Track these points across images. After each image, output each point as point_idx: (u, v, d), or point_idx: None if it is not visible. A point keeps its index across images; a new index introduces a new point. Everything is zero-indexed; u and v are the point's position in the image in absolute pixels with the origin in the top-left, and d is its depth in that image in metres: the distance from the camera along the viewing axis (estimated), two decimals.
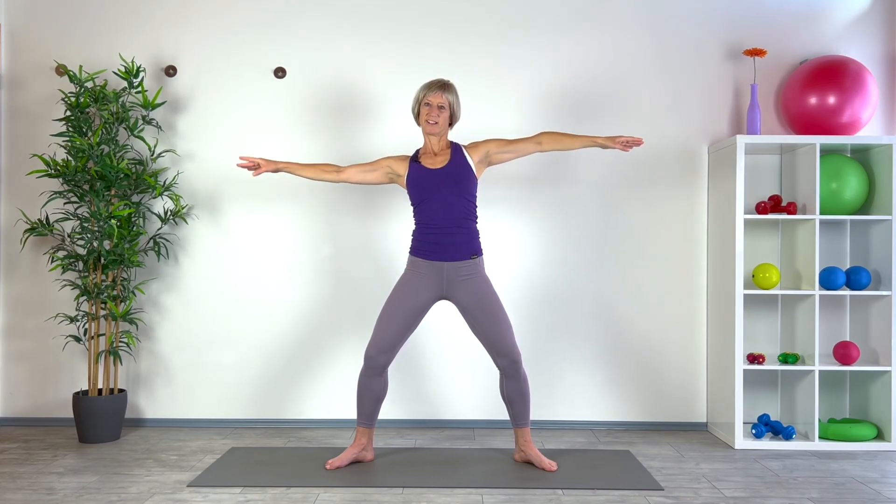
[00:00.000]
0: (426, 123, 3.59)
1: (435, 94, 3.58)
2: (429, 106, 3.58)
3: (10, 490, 3.30)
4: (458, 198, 3.55)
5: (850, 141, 4.05)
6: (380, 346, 3.57)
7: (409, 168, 3.64)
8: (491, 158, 3.66)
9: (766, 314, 4.40)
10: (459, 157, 3.61)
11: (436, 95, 3.58)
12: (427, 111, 3.59)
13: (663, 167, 4.41)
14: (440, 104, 3.58)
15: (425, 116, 3.59)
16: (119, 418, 4.13)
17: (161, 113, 4.39)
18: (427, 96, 3.59)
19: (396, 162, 3.69)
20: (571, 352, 4.41)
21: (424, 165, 3.61)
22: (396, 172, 3.67)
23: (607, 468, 3.63)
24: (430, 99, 3.58)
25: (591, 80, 4.41)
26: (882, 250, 4.12)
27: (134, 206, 4.17)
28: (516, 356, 3.59)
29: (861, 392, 4.25)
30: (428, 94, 3.59)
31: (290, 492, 3.29)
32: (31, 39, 4.42)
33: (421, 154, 3.67)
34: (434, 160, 3.62)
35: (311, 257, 4.42)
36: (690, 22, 4.42)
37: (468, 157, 3.62)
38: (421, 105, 3.61)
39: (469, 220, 3.60)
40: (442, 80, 3.63)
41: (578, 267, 4.41)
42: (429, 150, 3.65)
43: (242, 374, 4.41)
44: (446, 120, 3.61)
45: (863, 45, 4.41)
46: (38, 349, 4.42)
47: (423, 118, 3.61)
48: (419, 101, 3.62)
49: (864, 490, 3.36)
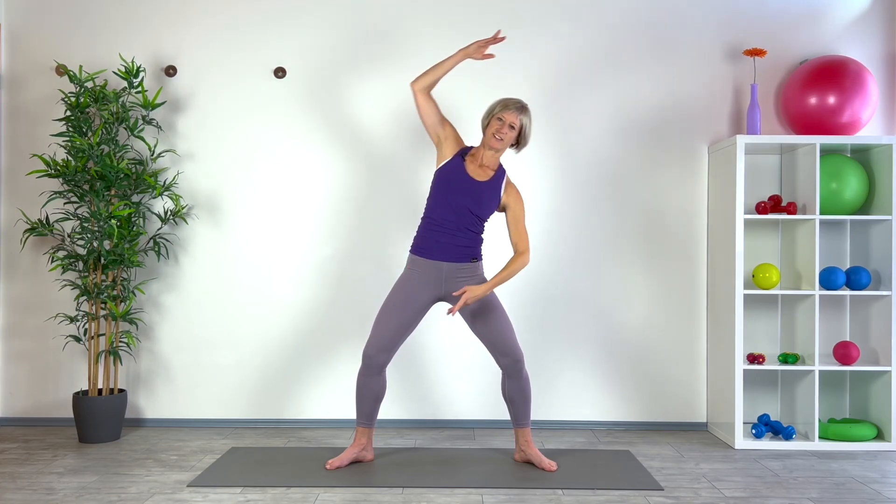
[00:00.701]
0: (492, 138, 3.50)
1: (511, 112, 3.50)
2: (500, 121, 3.50)
3: (10, 490, 3.30)
4: (475, 215, 3.54)
5: (850, 141, 4.05)
6: (378, 345, 3.57)
7: (452, 158, 3.57)
8: (504, 210, 3.63)
9: (766, 314, 4.40)
10: (497, 183, 3.57)
11: (511, 114, 3.49)
12: (497, 126, 3.50)
13: (663, 167, 4.41)
14: (512, 123, 3.50)
15: (494, 131, 3.50)
16: (119, 418, 4.13)
17: (161, 113, 4.40)
18: (502, 112, 3.50)
19: (452, 140, 3.58)
20: (571, 352, 4.41)
21: (466, 167, 3.55)
22: (443, 145, 3.57)
23: (607, 468, 3.63)
24: (505, 116, 3.50)
25: (591, 80, 4.41)
26: (882, 250, 4.12)
27: (134, 206, 4.17)
28: (518, 355, 3.59)
29: (861, 392, 4.25)
30: (503, 111, 3.50)
31: (290, 492, 3.29)
32: (31, 39, 4.42)
33: (470, 154, 3.60)
34: (478, 170, 3.56)
35: (311, 257, 4.42)
36: (690, 22, 4.42)
37: (502, 188, 3.58)
38: (493, 118, 3.52)
39: (476, 232, 3.59)
40: (521, 102, 3.54)
41: (578, 267, 4.41)
42: (479, 157, 3.58)
43: (242, 374, 4.41)
44: (511, 140, 3.54)
45: (863, 45, 4.41)
46: (38, 349, 4.42)
47: (490, 131, 3.51)
48: (492, 114, 3.53)
49: (864, 490, 3.37)
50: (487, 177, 3.56)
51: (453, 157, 3.58)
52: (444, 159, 3.59)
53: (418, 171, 4.38)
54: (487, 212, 3.57)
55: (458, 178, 3.54)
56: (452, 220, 3.53)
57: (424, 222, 3.62)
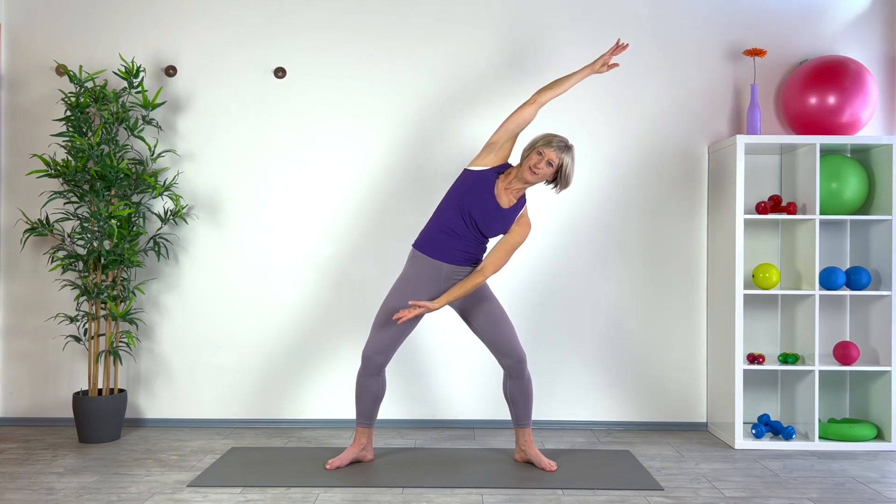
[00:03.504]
0: (528, 170, 3.42)
1: (552, 150, 3.41)
2: (540, 156, 3.42)
3: (10, 490, 3.30)
4: (481, 232, 3.54)
5: (850, 141, 4.05)
6: (377, 345, 3.57)
7: (489, 170, 3.52)
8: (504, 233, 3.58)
9: (766, 314, 4.40)
10: (515, 213, 3.54)
11: (552, 151, 3.41)
12: (536, 160, 3.41)
13: (663, 167, 4.41)
14: (550, 160, 3.42)
15: (532, 164, 3.42)
16: (119, 418, 4.13)
17: (161, 113, 4.39)
18: (544, 147, 3.42)
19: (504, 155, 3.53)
20: (571, 352, 4.41)
21: (496, 186, 3.51)
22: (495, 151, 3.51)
23: (607, 468, 3.63)
24: (546, 151, 3.41)
25: (591, 81, 4.40)
26: (882, 250, 4.12)
27: (134, 206, 4.17)
28: (521, 356, 3.59)
29: (861, 392, 4.25)
30: (546, 147, 3.42)
31: (290, 492, 3.29)
32: (31, 39, 4.42)
33: (505, 174, 3.53)
34: (503, 192, 3.51)
35: (311, 257, 4.42)
36: (690, 22, 4.42)
37: (524, 212, 3.55)
38: (534, 151, 3.43)
39: (481, 242, 3.59)
40: (566, 141, 3.47)
41: (578, 267, 4.41)
42: (510, 180, 3.52)
43: (242, 374, 4.41)
44: (547, 177, 3.46)
45: (863, 45, 4.41)
46: (38, 349, 4.42)
47: (529, 163, 3.42)
48: (534, 147, 3.45)
49: (864, 490, 3.37)
50: (510, 204, 3.52)
51: (490, 168, 3.53)
52: (482, 165, 3.54)
53: (419, 171, 4.38)
54: (492, 234, 3.57)
55: (482, 192, 3.50)
56: (460, 228, 3.53)
57: (434, 220, 3.60)
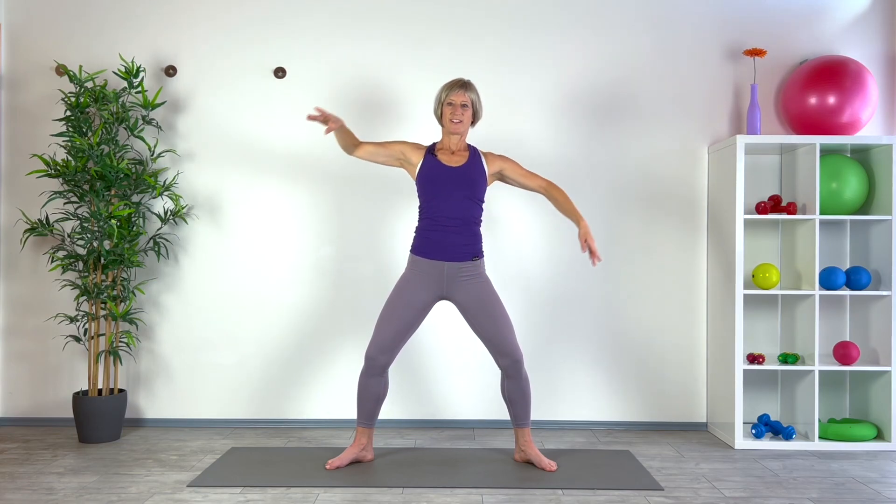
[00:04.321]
0: (451, 123, 3.56)
1: (457, 93, 3.56)
2: (452, 105, 3.56)
3: (10, 490, 3.30)
4: (468, 200, 3.55)
5: (850, 141, 4.05)
6: (380, 346, 3.57)
7: (424, 159, 3.60)
8: (504, 176, 3.66)
9: (766, 314, 4.40)
10: (476, 161, 3.60)
11: (458, 94, 3.56)
12: (451, 111, 3.56)
13: (663, 167, 4.41)
14: (463, 103, 3.56)
15: (449, 116, 3.56)
16: (119, 418, 4.13)
17: (161, 113, 4.39)
18: (450, 96, 3.57)
19: (411, 149, 3.64)
20: (571, 352, 4.41)
21: (441, 161, 3.59)
22: (409, 159, 3.63)
23: (607, 468, 3.63)
24: (454, 98, 3.56)
25: (591, 81, 4.41)
26: (882, 250, 4.12)
27: (134, 206, 4.17)
28: (518, 356, 3.59)
29: (861, 392, 4.25)
30: (451, 94, 3.56)
31: (290, 492, 3.29)
32: (31, 39, 4.42)
33: (438, 148, 3.64)
34: (451, 158, 3.60)
35: (311, 257, 4.42)
36: (690, 22, 4.42)
37: (484, 163, 3.61)
38: (444, 105, 3.58)
39: (474, 222, 3.59)
40: (462, 80, 3.61)
41: (578, 267, 4.41)
42: (447, 147, 3.63)
43: (242, 374, 4.41)
44: (469, 118, 3.60)
45: (863, 45, 4.41)
46: (38, 349, 4.42)
47: (447, 118, 3.58)
48: (441, 102, 3.60)
49: (864, 490, 3.37)
50: (464, 160, 3.59)
51: (424, 157, 3.61)
52: (417, 164, 3.61)
53: None
54: (480, 190, 3.58)
55: (438, 172, 3.56)
56: (448, 214, 3.54)
57: (421, 223, 3.62)
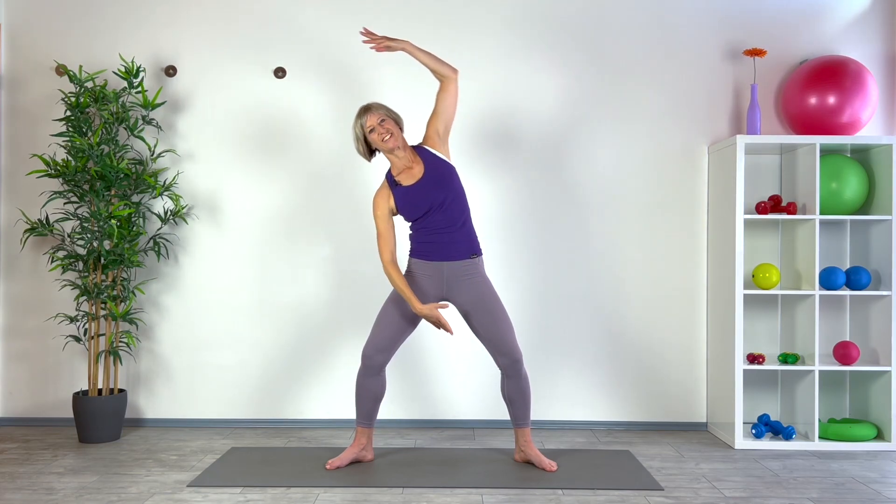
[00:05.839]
0: (384, 143, 3.47)
1: (367, 117, 3.49)
2: (373, 130, 3.49)
3: (10, 490, 3.30)
4: (449, 199, 3.52)
5: (850, 141, 4.05)
6: (377, 345, 3.57)
7: (393, 194, 3.55)
8: (444, 128, 3.57)
9: (766, 314, 4.40)
10: (430, 158, 3.55)
11: (370, 117, 3.49)
12: (376, 134, 3.48)
13: (663, 167, 4.41)
14: (380, 119, 3.49)
15: (378, 139, 3.48)
16: (119, 418, 4.13)
17: (161, 113, 4.39)
18: (364, 124, 3.50)
19: (384, 201, 3.56)
20: (571, 352, 4.41)
21: (405, 185, 3.53)
22: (392, 209, 3.58)
23: (607, 468, 3.63)
24: (368, 123, 3.49)
25: (591, 80, 4.41)
26: (882, 250, 4.12)
27: (134, 206, 4.17)
28: (517, 355, 3.59)
29: (861, 392, 4.25)
30: (364, 121, 3.50)
31: (290, 492, 3.29)
32: (31, 39, 4.42)
33: (396, 175, 3.57)
34: (411, 173, 3.54)
35: (311, 257, 4.42)
36: (690, 22, 4.42)
37: (434, 152, 3.57)
38: (367, 135, 3.51)
39: (465, 218, 3.58)
40: (362, 106, 3.55)
41: (578, 267, 4.41)
42: (400, 166, 3.56)
43: (242, 374, 4.41)
44: (395, 127, 3.51)
45: (863, 45, 4.41)
46: (38, 349, 4.42)
47: (378, 143, 3.49)
48: (364, 135, 3.52)
49: (864, 490, 3.37)
50: (422, 168, 3.53)
51: (392, 192, 3.55)
52: (390, 203, 3.55)
53: None
54: (455, 181, 3.53)
55: (411, 197, 3.51)
56: (436, 227, 3.52)
57: (416, 233, 3.60)
